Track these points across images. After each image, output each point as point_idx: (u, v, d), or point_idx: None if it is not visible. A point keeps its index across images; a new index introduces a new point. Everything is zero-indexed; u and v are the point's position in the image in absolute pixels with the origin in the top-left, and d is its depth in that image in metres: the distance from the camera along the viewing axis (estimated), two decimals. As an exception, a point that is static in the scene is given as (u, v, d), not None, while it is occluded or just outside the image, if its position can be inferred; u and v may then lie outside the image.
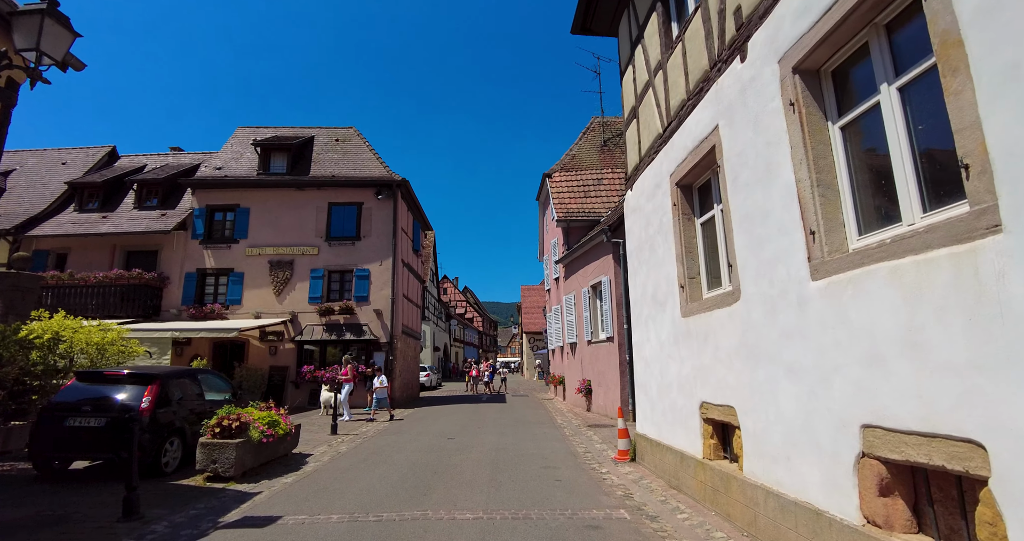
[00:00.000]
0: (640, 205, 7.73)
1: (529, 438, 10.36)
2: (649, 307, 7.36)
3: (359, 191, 19.06)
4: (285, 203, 19.04)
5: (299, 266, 18.49)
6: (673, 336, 6.42)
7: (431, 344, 41.02)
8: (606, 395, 13.72)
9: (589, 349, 15.16)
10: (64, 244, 18.84)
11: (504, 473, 7.17)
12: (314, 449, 9.47)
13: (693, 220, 6.27)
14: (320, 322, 18.02)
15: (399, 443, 9.93)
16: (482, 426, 12.32)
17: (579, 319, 16.15)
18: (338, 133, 21.98)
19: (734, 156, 4.92)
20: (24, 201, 19.94)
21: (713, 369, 5.32)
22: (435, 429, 11.90)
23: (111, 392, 7.21)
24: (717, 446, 5.50)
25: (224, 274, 18.59)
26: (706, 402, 5.51)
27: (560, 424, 12.66)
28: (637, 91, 7.92)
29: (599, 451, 8.88)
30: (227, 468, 6.84)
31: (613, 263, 13.19)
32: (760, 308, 4.45)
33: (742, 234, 4.77)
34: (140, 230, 18.22)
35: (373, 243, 18.65)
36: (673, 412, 6.41)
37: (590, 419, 13.33)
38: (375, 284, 18.30)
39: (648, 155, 7.37)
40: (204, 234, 18.78)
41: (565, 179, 20.10)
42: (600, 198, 19.23)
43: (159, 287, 18.17)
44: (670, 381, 6.52)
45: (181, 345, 17.98)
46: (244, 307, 18.13)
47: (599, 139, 22.14)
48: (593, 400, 14.81)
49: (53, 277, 17.48)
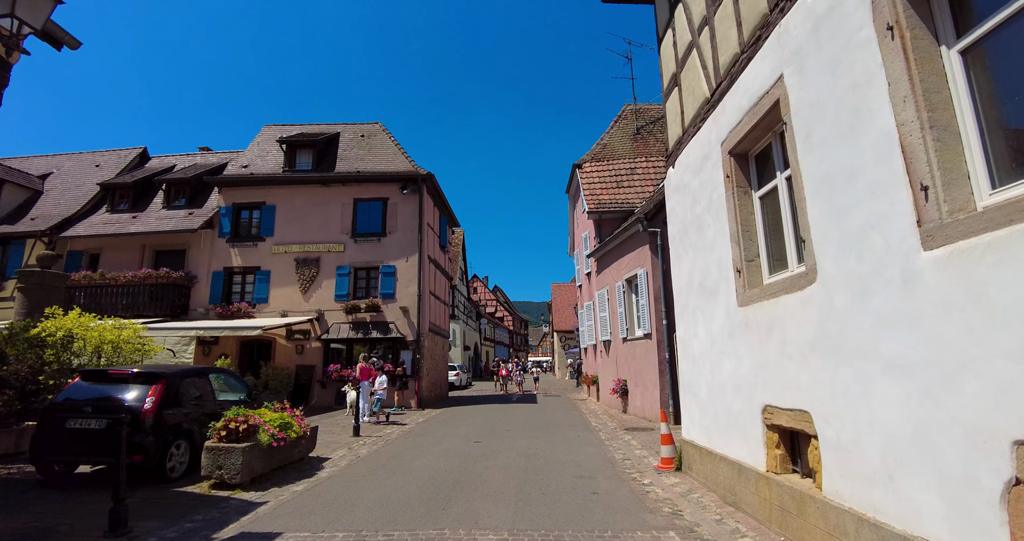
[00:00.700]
0: (685, 182, 6.87)
1: (561, 442, 9.59)
2: (697, 297, 6.50)
3: (384, 186, 18.62)
4: (311, 200, 18.75)
5: (325, 263, 18.16)
6: (727, 329, 5.57)
7: (461, 343, 40.63)
8: (644, 396, 12.83)
9: (624, 347, 14.28)
10: (96, 244, 19.00)
11: (533, 484, 6.44)
12: (333, 452, 8.93)
13: (750, 193, 5.41)
14: (347, 320, 17.64)
15: (422, 447, 9.30)
16: (511, 428, 11.61)
17: (613, 315, 15.28)
18: (363, 129, 21.62)
19: (805, 108, 4.06)
20: (59, 203, 20.24)
21: (779, 367, 4.47)
22: (461, 431, 11.25)
23: (115, 392, 6.78)
24: (784, 457, 4.64)
25: (251, 272, 18.42)
26: (770, 406, 4.65)
27: (595, 427, 11.85)
28: (678, 56, 7.07)
29: (639, 458, 8.05)
30: (233, 474, 6.31)
31: (650, 254, 12.30)
32: (845, 290, 3.59)
33: (818, 202, 3.91)
34: (167, 229, 18.20)
35: (399, 239, 18.17)
36: (727, 417, 5.56)
37: (627, 421, 12.47)
38: (401, 281, 17.81)
39: (693, 125, 6.52)
40: (231, 232, 18.65)
41: (596, 169, 19.22)
42: (634, 188, 18.30)
43: (187, 286, 18.11)
44: (723, 381, 5.67)
45: (208, 344, 17.88)
46: (271, 305, 17.90)
47: (632, 127, 21.17)
48: (629, 401, 13.93)
49: (85, 277, 17.60)
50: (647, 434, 10.42)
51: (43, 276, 11.95)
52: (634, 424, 11.96)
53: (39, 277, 11.90)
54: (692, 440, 6.65)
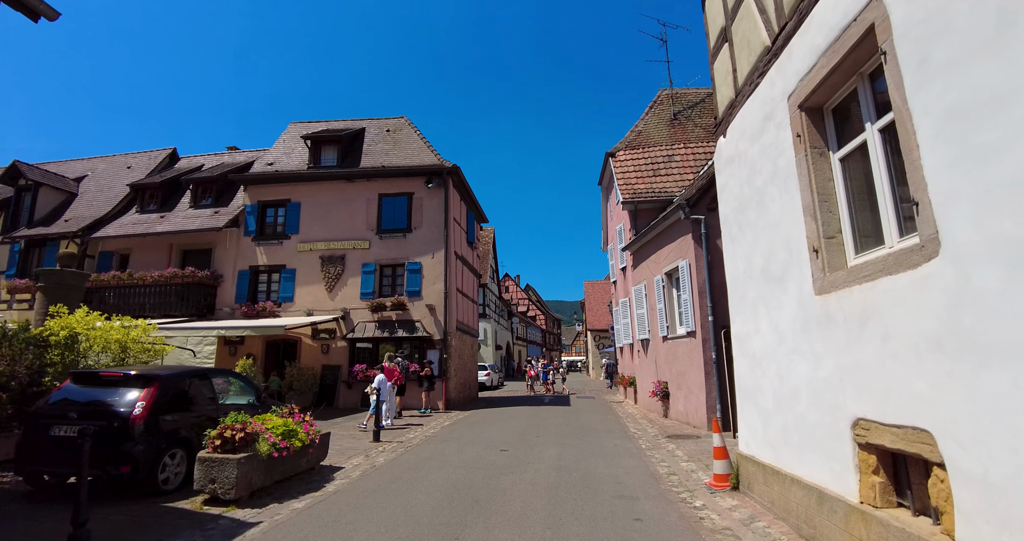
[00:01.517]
0: (740, 151, 5.85)
1: (597, 452, 8.64)
2: (758, 286, 5.48)
3: (409, 181, 17.99)
4: (335, 196, 18.28)
5: (350, 261, 17.65)
6: (800, 323, 4.55)
7: (493, 342, 39.93)
8: (687, 400, 11.74)
9: (665, 346, 13.19)
10: (126, 245, 19.01)
11: (565, 504, 5.54)
12: (348, 460, 8.23)
13: (827, 156, 4.38)
14: (372, 319, 17.08)
15: (443, 456, 8.51)
16: (542, 434, 10.72)
17: (651, 312, 14.20)
18: (389, 123, 21.08)
19: (918, 26, 3.04)
20: (92, 205, 20.40)
21: (880, 369, 3.45)
22: (488, 437, 10.43)
23: (104, 396, 6.21)
24: (885, 487, 3.61)
25: (276, 271, 18.07)
26: (865, 420, 3.63)
27: (633, 433, 10.84)
28: (728, 6, 6.06)
29: (687, 473, 7.05)
30: (228, 489, 5.63)
31: (693, 244, 11.21)
32: (991, 264, 2.58)
33: (941, 148, 2.89)
34: (193, 228, 18.02)
35: (424, 235, 17.50)
36: (801, 430, 4.54)
37: (668, 428, 11.41)
38: (427, 278, 17.14)
39: (749, 82, 5.51)
40: (256, 231, 18.36)
41: (631, 157, 18.12)
42: (672, 176, 17.13)
43: (213, 285, 17.88)
44: (795, 386, 4.65)
45: (234, 344, 17.60)
46: (296, 304, 17.50)
47: (668, 112, 19.96)
48: (671, 405, 12.84)
49: (114, 277, 17.57)
50: (693, 443, 9.37)
51: (63, 275, 11.71)
52: (677, 431, 10.91)
53: (59, 276, 11.67)
54: (752, 455, 5.63)
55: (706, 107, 20.21)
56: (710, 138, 18.67)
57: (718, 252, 11.19)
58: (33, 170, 20.44)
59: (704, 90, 21.16)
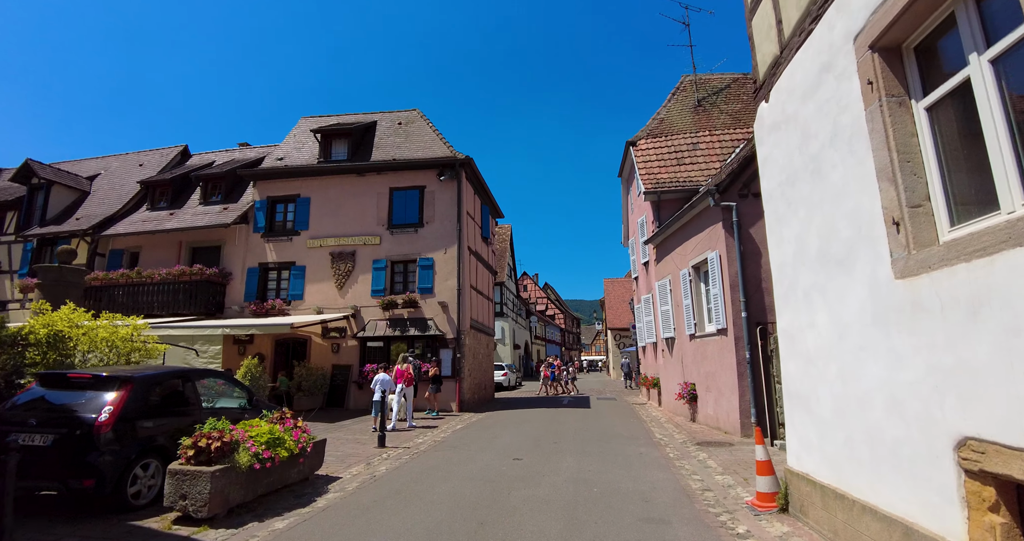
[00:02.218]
0: (788, 114, 4.98)
1: (620, 462, 7.81)
2: (812, 272, 4.62)
3: (421, 174, 17.33)
4: (346, 191, 17.72)
5: (361, 257, 17.06)
6: (872, 313, 3.68)
7: (511, 342, 39.21)
8: (717, 403, 10.82)
9: (692, 345, 12.28)
10: (136, 242, 18.73)
11: (585, 529, 4.75)
12: (347, 469, 7.55)
13: (908, 105, 3.51)
14: (383, 317, 16.46)
15: (451, 464, 7.77)
16: (559, 441, 9.92)
17: (677, 309, 13.28)
18: (401, 116, 20.46)
19: None
20: (103, 203, 20.19)
21: (1007, 372, 2.59)
22: (501, 443, 9.67)
23: (70, 400, 5.61)
24: (1010, 530, 2.75)
25: (286, 268, 17.58)
26: (978, 439, 2.77)
27: (659, 440, 9.98)
28: (772, -53, 5.19)
29: (723, 489, 6.19)
30: (199, 507, 4.97)
31: (723, 233, 10.29)
32: None
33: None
34: (201, 225, 17.62)
35: (437, 229, 16.82)
36: (875, 446, 3.68)
37: (697, 433, 10.51)
38: (440, 274, 16.46)
39: (800, 31, 4.64)
40: (265, 227, 17.89)
41: (653, 146, 17.18)
42: (697, 165, 16.16)
43: (221, 283, 17.46)
44: (866, 391, 3.79)
45: (243, 343, 17.17)
46: (306, 302, 16.98)
47: (691, 99, 18.96)
48: (699, 408, 11.92)
49: (123, 275, 17.25)
50: (726, 451, 8.47)
51: (61, 271, 11.31)
52: (707, 436, 10.01)
53: (57, 273, 11.27)
54: (806, 473, 4.76)
55: (731, 93, 19.18)
56: (737, 124, 17.65)
57: (751, 242, 10.28)
58: (45, 169, 20.31)
59: (729, 75, 20.10)
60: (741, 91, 19.22)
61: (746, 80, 19.79)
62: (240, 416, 6.98)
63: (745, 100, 18.80)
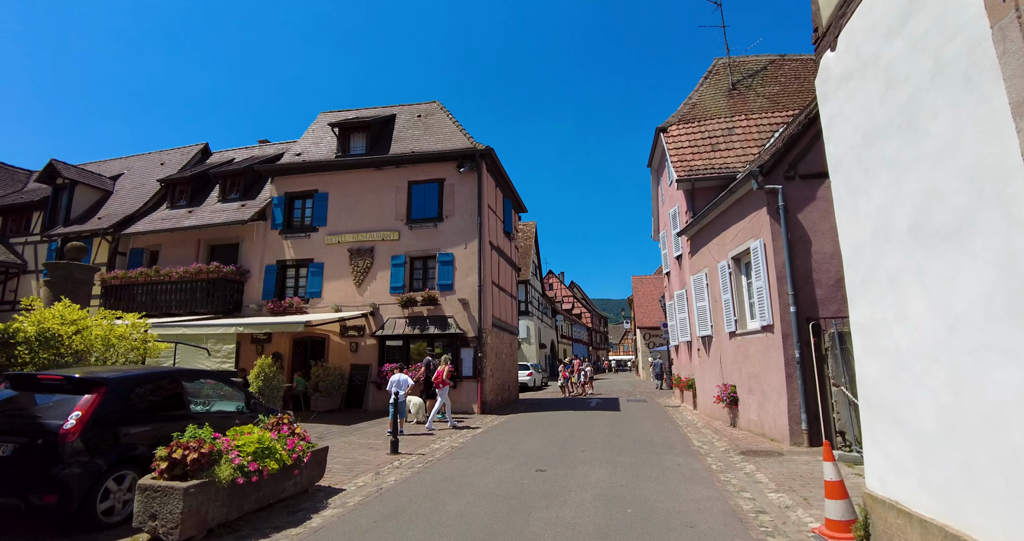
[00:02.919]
0: (867, 58, 4.05)
1: (656, 475, 6.94)
2: (902, 251, 3.69)
3: (440, 166, 16.67)
4: (364, 185, 17.18)
5: (379, 253, 16.49)
6: (1005, 301, 2.76)
7: (536, 341, 38.42)
8: (761, 407, 9.82)
9: (732, 344, 11.27)
10: (155, 241, 18.57)
11: (618, 564, 3.92)
12: (353, 479, 6.87)
13: (1060, 15, 2.58)
14: (403, 315, 15.85)
15: (466, 475, 7.02)
16: (587, 448, 9.07)
17: (715, 304, 12.27)
18: (420, 109, 19.85)
19: None
20: (125, 202, 20.15)
21: None
22: (524, 450, 8.88)
23: (37, 405, 5.05)
24: None
25: (304, 265, 17.14)
26: None
27: (698, 448, 9.04)
28: None
29: (780, 511, 5.27)
30: (170, 528, 4.32)
31: (768, 220, 9.29)
32: None
33: None
34: (219, 222, 17.29)
35: (456, 223, 16.13)
36: (1016, 478, 2.76)
37: (740, 440, 9.54)
38: (460, 270, 15.76)
39: (885, -52, 3.71)
40: (283, 223, 17.49)
41: (685, 132, 16.16)
42: (733, 151, 15.10)
43: (239, 281, 17.12)
44: (997, 403, 2.86)
45: (261, 342, 16.79)
46: (324, 300, 16.49)
47: (726, 82, 17.85)
48: (740, 412, 10.92)
49: (141, 274, 17.06)
50: (775, 462, 7.51)
51: (69, 268, 10.96)
52: (751, 444, 9.03)
53: (65, 269, 10.92)
54: (896, 502, 3.84)
55: (768, 75, 17.97)
56: (775, 108, 16.47)
57: (800, 228, 9.25)
58: (69, 169, 20.38)
59: (765, 57, 18.89)
60: (779, 73, 18.01)
61: (784, 61, 18.57)
62: (235, 421, 6.40)
63: (783, 82, 17.60)
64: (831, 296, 8.92)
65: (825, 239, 9.09)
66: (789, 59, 18.58)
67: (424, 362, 13.14)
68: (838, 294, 8.90)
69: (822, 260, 9.04)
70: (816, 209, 9.21)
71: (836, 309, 8.86)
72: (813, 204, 9.25)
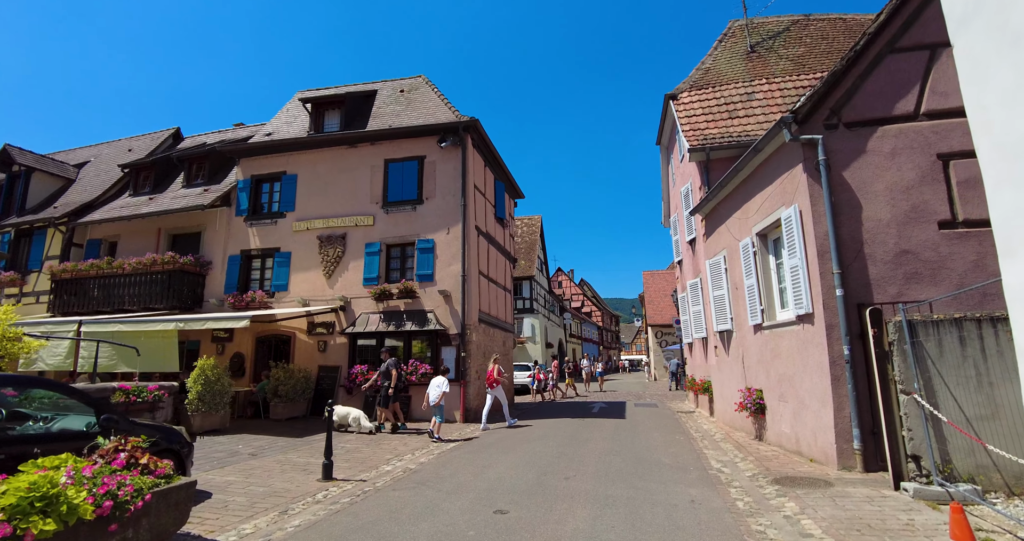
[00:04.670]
0: None
1: (661, 523, 4.96)
2: None
3: (419, 142, 14.80)
4: (336, 165, 15.37)
5: (352, 240, 14.67)
6: None
7: (543, 340, 36.45)
8: (797, 418, 7.78)
9: (758, 339, 9.23)
10: (114, 231, 16.94)
11: None
12: (241, 524, 5.00)
13: None
14: (376, 309, 14.00)
15: (397, 520, 5.10)
16: (575, 473, 7.11)
17: (735, 292, 10.24)
18: (404, 84, 17.99)
19: None
20: (86, 190, 18.58)
21: None
22: (491, 477, 6.94)
23: None
24: None
25: (269, 256, 15.37)
26: None
27: (717, 472, 7.03)
28: None
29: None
30: None
31: (806, 179, 7.25)
32: None
33: None
34: (178, 207, 15.58)
35: (438, 206, 14.25)
36: None
37: (770, 461, 7.51)
38: (441, 258, 13.87)
39: None
40: (249, 209, 15.74)
41: (698, 98, 14.11)
42: (754, 117, 13.04)
43: (199, 273, 15.40)
44: None
45: (222, 341, 15.05)
46: (291, 293, 14.71)
47: (743, 45, 15.77)
48: (768, 423, 8.87)
49: (92, 266, 15.40)
50: (824, 497, 5.49)
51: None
52: (786, 467, 7.01)
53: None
54: None
55: (791, 36, 15.86)
56: (801, 71, 14.35)
57: (846, 190, 7.19)
58: (25, 155, 18.85)
59: (787, 17, 16.79)
60: (804, 33, 15.88)
61: (808, 21, 16.44)
62: (82, 444, 4.58)
63: (809, 43, 15.47)
64: (889, 275, 6.87)
65: (879, 202, 7.05)
66: (815, 19, 16.46)
67: (383, 368, 11.27)
68: (899, 273, 6.86)
69: (876, 229, 7.00)
70: (867, 165, 7.17)
71: (896, 292, 6.82)
72: (863, 159, 7.21)
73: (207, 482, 6.61)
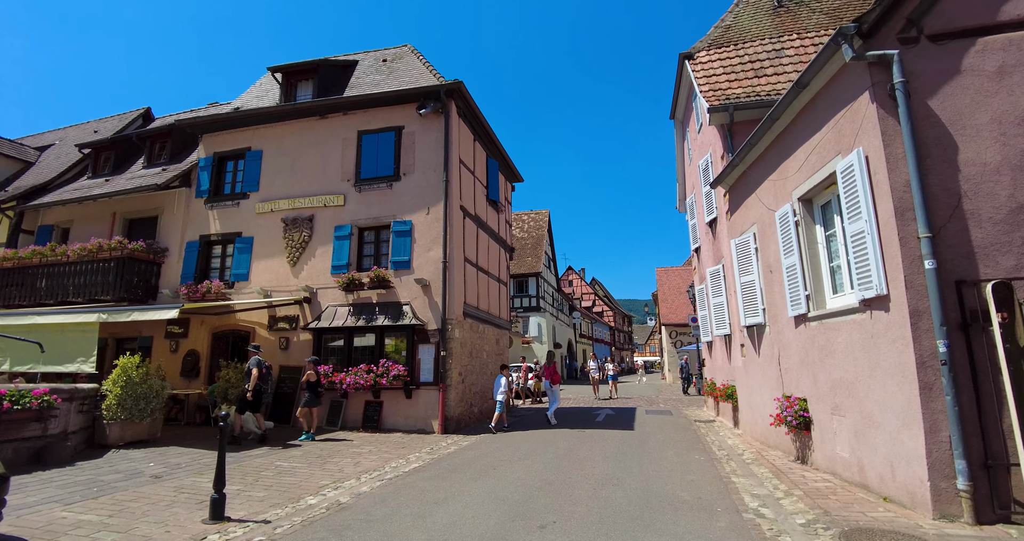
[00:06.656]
0: None
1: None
2: None
3: (397, 111, 12.97)
4: (304, 139, 13.60)
5: (320, 223, 12.87)
6: None
7: (550, 339, 34.54)
8: (862, 438, 5.77)
9: (801, 334, 7.22)
10: (67, 216, 15.34)
11: None
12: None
13: None
14: (346, 301, 12.19)
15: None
16: (560, 516, 5.19)
17: (769, 277, 8.23)
18: (388, 53, 16.21)
19: None
20: (42, 173, 17.03)
21: None
22: (443, 518, 5.04)
23: None
24: None
25: (230, 241, 13.64)
26: None
27: (757, 519, 5.04)
28: None
29: None
30: None
31: (876, 113, 5.25)
32: None
33: None
34: (131, 188, 13.92)
35: (417, 182, 12.40)
36: None
37: (826, 497, 5.51)
38: (420, 242, 12.01)
39: None
40: (210, 190, 14.04)
41: (718, 57, 12.11)
42: (784, 75, 11.02)
43: (152, 261, 13.70)
44: None
45: (176, 337, 13.33)
46: (251, 283, 12.95)
47: (769, 0, 13.71)
48: (816, 443, 6.85)
49: (34, 253, 13.75)
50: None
51: None
52: (851, 510, 5.03)
53: None
54: None
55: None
56: (838, 23, 12.27)
57: (935, 124, 5.12)
58: (-21, 135, 17.33)
59: (822, -30, 14.68)
60: (840, -15, 13.79)
61: (845, -27, 14.35)
62: None
63: (848, -6, 13.39)
64: (1003, 240, 4.86)
65: (984, 140, 5.03)
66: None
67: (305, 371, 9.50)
68: (1016, 236, 4.85)
69: (981, 177, 4.99)
70: (964, 90, 5.16)
71: (1015, 264, 4.80)
72: (957, 81, 5.20)
73: (46, 524, 4.80)
